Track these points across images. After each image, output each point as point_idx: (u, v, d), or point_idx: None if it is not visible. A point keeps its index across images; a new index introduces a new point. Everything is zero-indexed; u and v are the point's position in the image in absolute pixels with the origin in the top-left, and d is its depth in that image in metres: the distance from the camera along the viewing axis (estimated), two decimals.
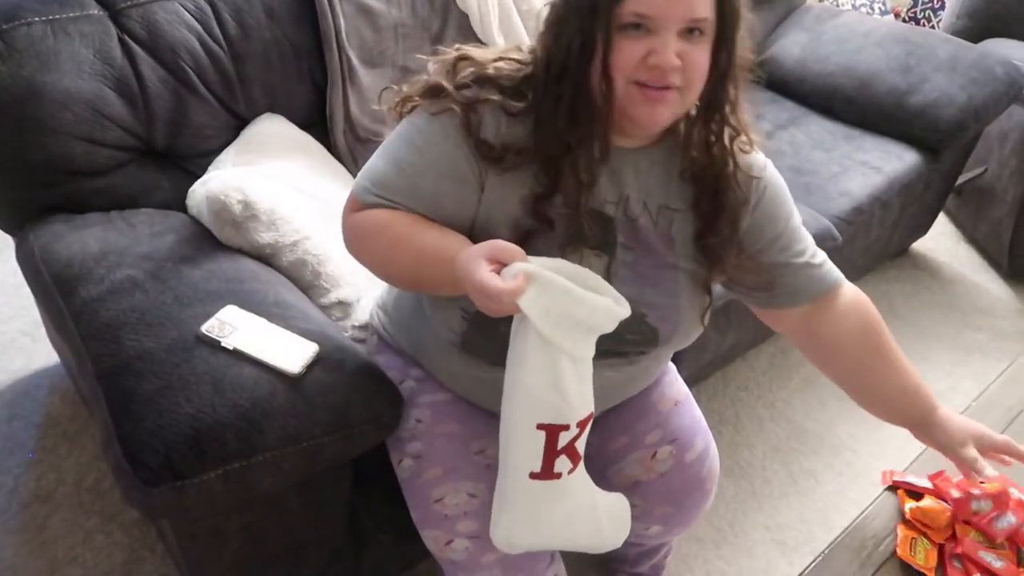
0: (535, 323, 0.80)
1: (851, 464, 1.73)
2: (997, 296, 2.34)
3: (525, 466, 0.88)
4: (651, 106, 0.86)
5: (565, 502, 0.92)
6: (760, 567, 1.50)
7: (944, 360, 2.07)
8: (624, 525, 1.00)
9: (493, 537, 0.93)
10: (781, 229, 1.00)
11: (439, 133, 0.91)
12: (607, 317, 0.83)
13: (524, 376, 0.84)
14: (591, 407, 0.88)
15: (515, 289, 0.77)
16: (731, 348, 1.81)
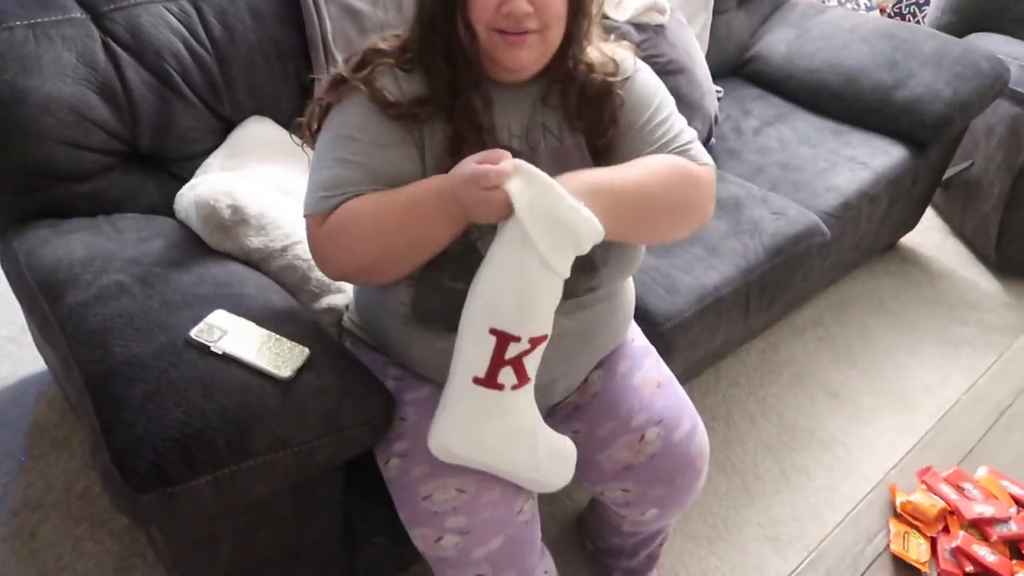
0: (520, 212, 0.85)
1: (842, 460, 1.74)
2: (985, 290, 2.36)
3: (470, 369, 0.91)
4: (513, 50, 0.94)
5: (504, 419, 0.94)
6: (753, 563, 1.50)
7: (933, 354, 2.08)
8: (565, 468, 1.01)
9: (429, 441, 0.95)
10: (648, 118, 1.05)
11: (357, 113, 0.98)
12: (586, 226, 0.87)
13: (491, 277, 0.88)
14: (548, 328, 0.91)
15: (504, 170, 0.85)
16: (722, 345, 1.81)
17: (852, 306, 2.21)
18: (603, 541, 1.38)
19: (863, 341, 2.10)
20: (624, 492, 1.13)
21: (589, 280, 1.01)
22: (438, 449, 0.96)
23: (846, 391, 1.93)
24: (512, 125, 1.03)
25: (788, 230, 1.73)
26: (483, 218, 0.89)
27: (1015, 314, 2.26)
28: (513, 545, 1.02)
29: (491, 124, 1.01)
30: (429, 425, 1.03)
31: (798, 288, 1.95)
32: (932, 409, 1.89)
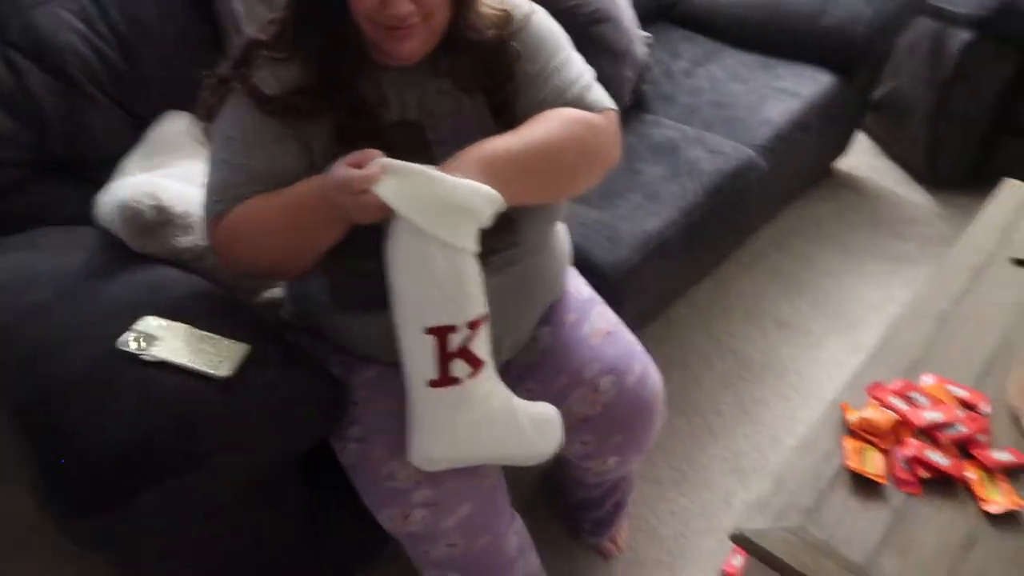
0: (401, 211, 0.83)
1: (797, 387, 1.78)
2: (919, 205, 2.41)
3: (422, 375, 0.90)
4: (400, 43, 0.92)
5: (474, 409, 0.93)
6: (720, 497, 1.53)
7: (877, 272, 2.13)
8: (553, 433, 1.02)
9: (410, 458, 0.95)
10: (543, 65, 1.03)
11: (236, 114, 0.96)
12: (476, 198, 0.85)
13: (401, 278, 0.87)
14: (481, 307, 0.90)
15: (370, 174, 0.83)
16: (671, 289, 1.83)
17: (794, 236, 2.25)
18: (570, 496, 1.40)
19: (808, 269, 2.14)
20: (583, 444, 1.13)
21: (508, 234, 1.00)
22: (422, 462, 0.95)
23: (795, 319, 1.97)
24: (406, 99, 1.00)
25: (725, 167, 1.74)
26: (364, 220, 0.88)
27: (948, 225, 2.32)
28: (482, 511, 1.02)
29: (383, 103, 0.98)
30: (382, 406, 1.03)
31: (740, 224, 1.98)
32: (878, 326, 1.94)
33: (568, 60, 1.06)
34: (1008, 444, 1.05)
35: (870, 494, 0.99)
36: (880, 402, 1.09)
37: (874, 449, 1.04)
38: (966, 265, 1.39)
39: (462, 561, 1.03)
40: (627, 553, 1.43)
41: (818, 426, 1.08)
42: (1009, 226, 1.50)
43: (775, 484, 1.00)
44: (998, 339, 1.22)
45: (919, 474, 1.00)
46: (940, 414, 1.06)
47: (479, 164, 0.90)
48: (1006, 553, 0.93)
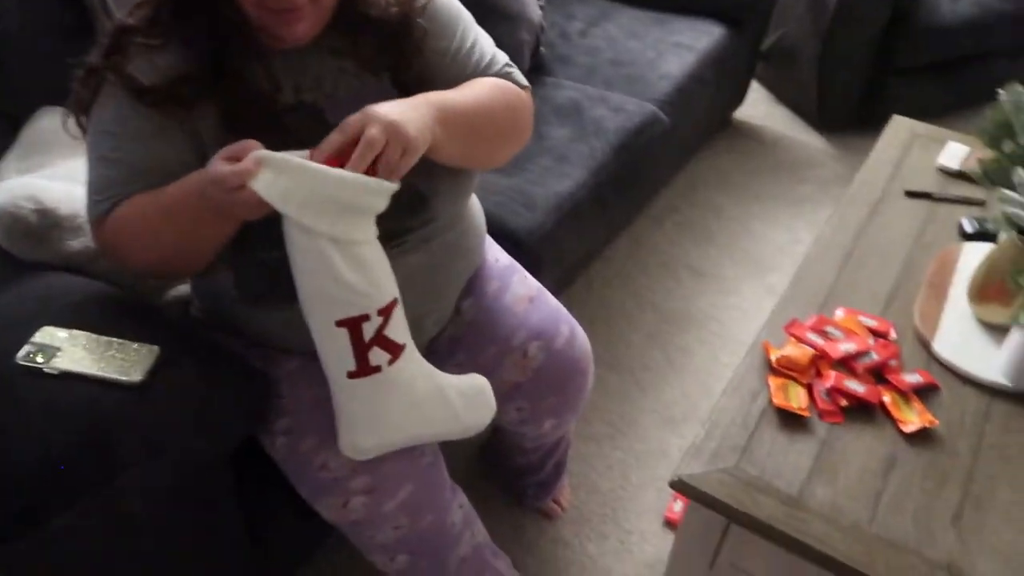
0: (281, 209, 0.79)
1: (717, 333, 1.83)
2: (815, 148, 2.51)
3: (340, 367, 0.88)
4: (288, 26, 0.88)
5: (399, 394, 0.92)
6: (655, 448, 1.57)
7: (782, 216, 2.21)
8: (485, 404, 1.01)
9: (342, 450, 0.93)
10: (459, 43, 1.02)
11: (112, 106, 0.90)
12: (365, 193, 0.82)
13: (301, 276, 0.84)
14: (391, 292, 0.88)
15: (244, 169, 0.77)
16: (588, 249, 1.84)
17: (700, 187, 2.30)
18: (509, 463, 1.40)
19: (716, 217, 2.19)
20: (519, 411, 1.13)
21: (422, 213, 0.98)
22: (354, 453, 0.93)
23: (710, 268, 2.02)
24: (301, 82, 0.94)
25: (629, 124, 1.75)
26: (248, 217, 0.83)
27: (842, 165, 2.42)
28: (423, 490, 1.01)
29: (275, 87, 0.93)
30: (308, 396, 1.00)
31: (648, 179, 2.00)
32: (788, 267, 2.01)
33: (478, 38, 1.04)
34: (917, 366, 1.11)
35: (796, 428, 1.03)
36: (798, 339, 1.13)
37: (796, 384, 1.08)
38: (864, 201, 1.45)
39: (408, 541, 1.01)
40: (571, 512, 1.45)
41: (743, 368, 1.11)
42: (900, 161, 1.57)
43: (708, 428, 1.02)
44: (900, 268, 1.28)
45: (840, 403, 1.04)
46: (854, 345, 1.10)
47: (431, 109, 0.87)
48: (923, 468, 0.98)
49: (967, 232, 1.36)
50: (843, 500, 0.94)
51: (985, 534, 0.91)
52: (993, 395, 1.07)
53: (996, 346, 1.12)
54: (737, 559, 1.03)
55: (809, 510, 0.93)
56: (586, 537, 1.41)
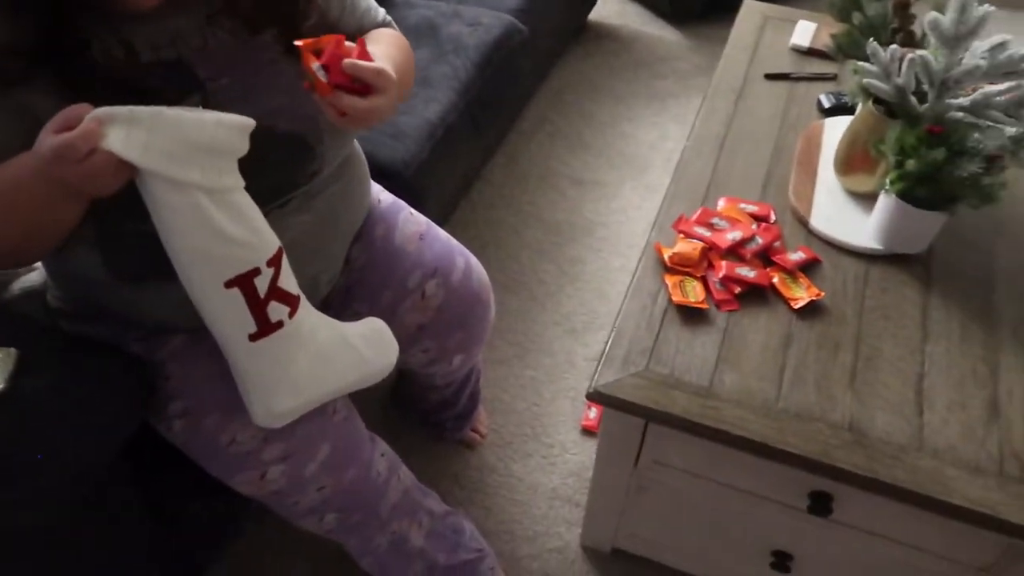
0: (142, 164, 0.71)
1: (605, 238, 1.85)
2: (670, 41, 2.52)
3: (239, 332, 0.82)
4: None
5: (305, 348, 0.87)
6: (562, 360, 1.59)
7: (646, 113, 2.23)
8: (388, 345, 0.98)
9: (255, 420, 0.88)
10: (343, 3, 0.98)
11: None
12: (225, 129, 0.75)
13: (176, 239, 0.76)
14: (274, 240, 0.82)
15: (88, 131, 0.68)
16: (466, 173, 1.80)
17: (567, 95, 2.28)
18: (424, 402, 1.39)
19: (587, 123, 2.19)
20: (425, 352, 1.11)
21: (309, 165, 0.92)
22: (268, 420, 0.87)
23: (588, 175, 2.02)
24: (157, 40, 0.82)
25: (489, 38, 1.69)
26: (104, 189, 0.73)
27: (699, 56, 2.45)
28: (341, 446, 0.98)
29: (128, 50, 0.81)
30: (199, 372, 0.93)
31: (515, 93, 1.96)
32: (662, 163, 2.04)
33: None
34: (799, 244, 1.15)
35: (698, 321, 1.05)
36: (686, 234, 1.15)
37: (691, 279, 1.10)
38: (728, 89, 1.47)
39: (335, 500, 0.99)
40: (491, 436, 1.46)
41: (639, 271, 1.12)
42: (755, 45, 1.60)
43: (614, 336, 1.03)
44: (771, 151, 1.32)
45: (734, 291, 1.08)
46: (739, 232, 1.14)
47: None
48: (817, 339, 1.04)
49: (825, 107, 1.41)
50: (750, 382, 0.98)
51: (878, 389, 0.98)
52: (869, 260, 1.14)
53: (866, 214, 1.18)
54: (658, 455, 1.07)
55: (720, 398, 0.97)
56: (510, 458, 1.43)
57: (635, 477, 1.12)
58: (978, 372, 1.00)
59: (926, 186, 1.06)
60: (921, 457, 0.91)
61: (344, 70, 0.78)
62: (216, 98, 0.84)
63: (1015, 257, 1.16)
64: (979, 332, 1.05)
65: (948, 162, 1.03)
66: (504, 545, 1.31)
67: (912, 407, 0.96)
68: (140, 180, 0.73)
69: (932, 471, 0.90)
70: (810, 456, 0.91)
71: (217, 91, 0.84)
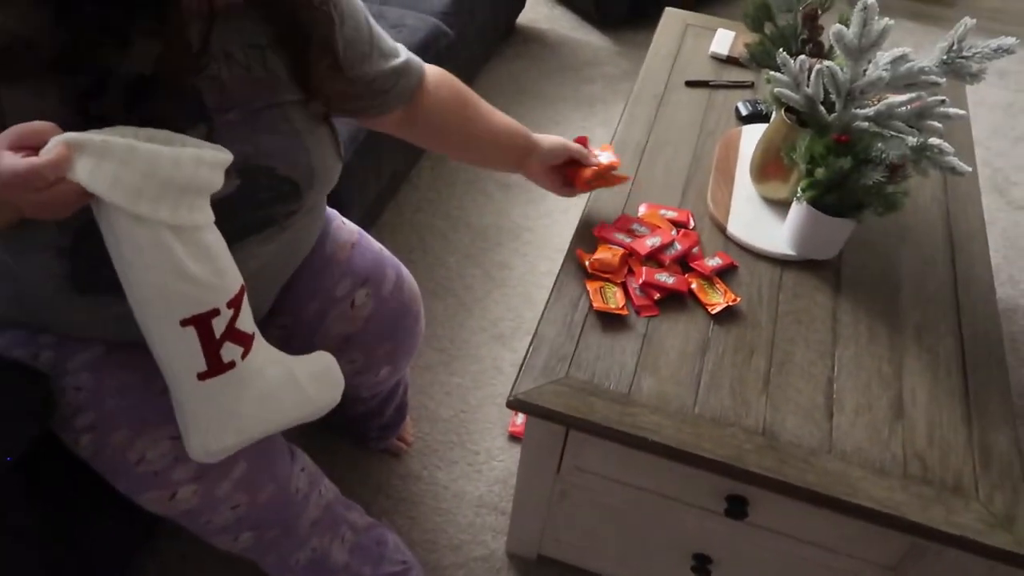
0: (108, 199, 0.66)
1: (531, 242, 1.85)
2: (598, 46, 2.55)
3: (188, 370, 0.78)
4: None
5: (252, 387, 0.84)
6: (489, 365, 1.58)
7: (575, 117, 2.24)
8: (334, 381, 0.95)
9: (190, 453, 0.83)
10: (367, 35, 0.98)
11: None
12: (206, 168, 0.72)
13: (135, 274, 0.71)
14: (237, 280, 0.79)
15: (57, 160, 0.63)
16: (392, 178, 1.77)
17: (494, 96, 2.28)
18: (348, 411, 1.36)
19: None
20: (351, 363, 1.09)
21: (292, 205, 0.89)
22: (206, 456, 0.82)
23: (514, 178, 2.02)
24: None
25: (413, 40, 1.68)
26: (55, 217, 0.68)
27: (626, 61, 2.48)
28: (258, 463, 0.94)
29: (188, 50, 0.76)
30: (112, 384, 0.88)
31: None
32: None
33: (374, 22, 0.99)
34: (717, 250, 1.17)
35: (618, 327, 1.06)
36: (607, 240, 1.16)
37: (612, 285, 1.11)
38: (649, 95, 1.49)
39: (250, 518, 0.95)
40: (416, 444, 1.44)
41: (561, 277, 1.12)
42: (676, 52, 1.62)
43: (535, 343, 1.03)
44: (690, 157, 1.34)
45: (653, 297, 1.09)
46: (658, 238, 1.15)
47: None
48: (733, 344, 1.06)
49: (743, 115, 1.45)
50: (668, 388, 1.00)
51: (790, 393, 1.00)
52: (783, 266, 1.17)
53: (780, 221, 1.22)
54: (580, 461, 1.07)
55: (638, 404, 0.98)
56: (435, 466, 1.41)
57: (558, 483, 1.12)
58: (883, 373, 1.04)
59: (834, 194, 1.09)
60: (830, 460, 0.94)
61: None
62: (220, 132, 0.80)
63: (917, 262, 1.20)
64: (885, 335, 1.09)
65: (854, 170, 1.06)
66: (429, 555, 1.30)
67: (822, 411, 0.99)
68: (98, 208, 0.68)
69: (840, 473, 0.92)
70: (724, 460, 0.93)
71: (223, 126, 0.80)
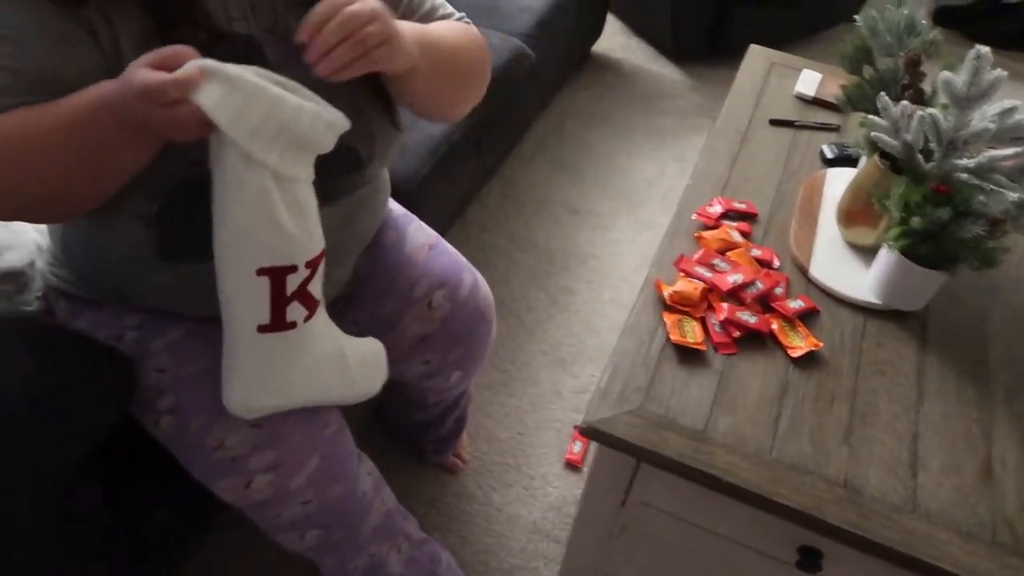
0: (226, 131, 0.68)
1: (597, 269, 1.84)
2: (671, 79, 2.54)
3: (250, 319, 0.79)
4: None
5: (306, 353, 0.85)
6: (548, 389, 1.57)
7: (647, 149, 2.23)
8: (379, 371, 0.96)
9: (226, 403, 0.84)
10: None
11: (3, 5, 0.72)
12: (323, 124, 0.73)
13: (230, 213, 0.73)
14: (320, 243, 0.80)
15: (185, 79, 0.65)
16: (465, 193, 1.79)
17: (567, 123, 2.29)
18: (408, 420, 1.36)
19: (586, 153, 2.19)
20: (425, 364, 1.09)
21: (356, 178, 0.91)
22: (242, 411, 0.83)
23: (584, 204, 2.02)
24: (231, 8, 0.81)
25: (497, 60, 1.69)
26: (179, 139, 0.70)
27: (699, 95, 2.47)
28: (330, 460, 0.95)
29: (203, 6, 0.79)
30: (194, 368, 0.90)
31: (518, 117, 1.96)
32: (658, 199, 2.05)
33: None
34: (799, 292, 1.15)
35: (695, 362, 1.04)
36: (687, 273, 1.14)
37: (690, 319, 1.09)
38: (732, 130, 1.47)
39: (318, 516, 0.95)
40: (472, 463, 1.43)
41: (637, 307, 1.11)
42: (761, 90, 1.61)
43: (611, 371, 1.02)
44: (773, 195, 1.32)
45: (733, 335, 1.07)
46: (740, 275, 1.13)
47: (413, 31, 0.78)
48: (813, 390, 1.03)
49: (828, 157, 1.42)
50: (744, 429, 0.97)
51: (873, 446, 0.97)
52: (867, 314, 1.14)
53: (865, 267, 1.18)
54: (647, 496, 1.05)
55: (714, 442, 0.95)
56: (490, 487, 1.40)
57: (621, 516, 1.10)
58: (971, 435, 1.00)
59: (929, 244, 1.06)
60: (914, 519, 0.90)
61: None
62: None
63: (1010, 321, 1.16)
64: (973, 394, 1.05)
65: (952, 222, 1.03)
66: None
67: (906, 467, 0.95)
68: (215, 141, 0.71)
69: (924, 534, 0.88)
70: (803, 509, 0.90)
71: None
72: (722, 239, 1.20)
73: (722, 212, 1.25)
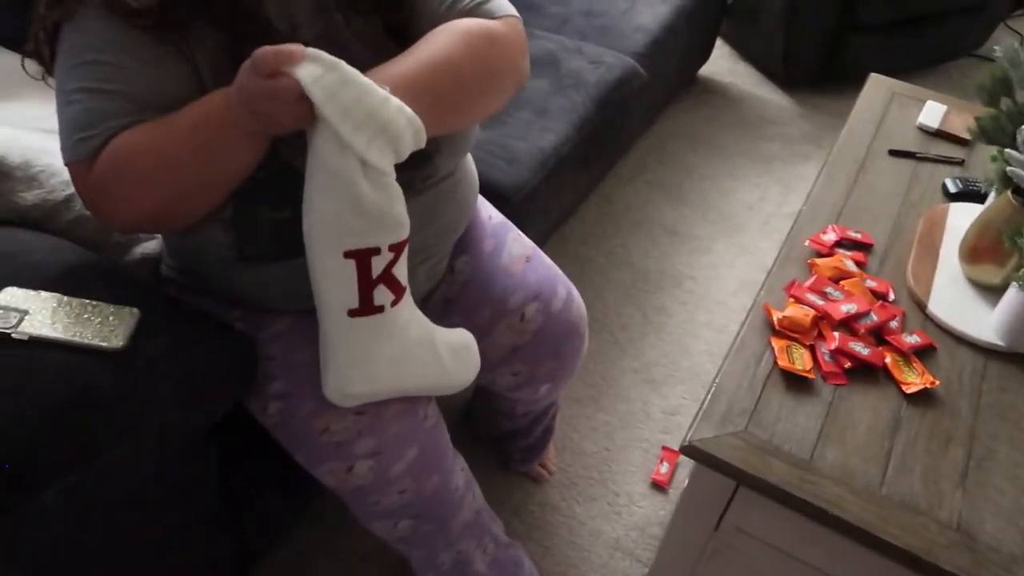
0: (321, 108, 0.72)
1: (693, 291, 1.82)
2: (780, 105, 2.50)
3: (341, 303, 0.82)
4: None
5: (395, 339, 0.87)
6: (638, 408, 1.55)
7: (750, 174, 2.20)
8: (471, 360, 0.97)
9: (326, 392, 0.87)
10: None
11: (97, 29, 0.78)
12: (404, 118, 0.76)
13: (319, 196, 0.77)
14: (405, 230, 0.82)
15: (288, 51, 0.70)
16: (566, 207, 1.80)
17: (670, 144, 2.27)
18: (496, 428, 1.37)
19: (687, 175, 2.17)
20: (515, 375, 1.09)
21: (424, 170, 0.93)
22: (338, 397, 0.87)
23: (683, 226, 2.00)
24: (295, 14, 0.85)
25: (609, 77, 1.70)
26: (281, 122, 0.73)
27: (808, 123, 2.42)
28: (428, 452, 0.97)
29: (264, 14, 0.83)
30: (300, 357, 0.93)
31: (624, 135, 1.96)
32: (758, 225, 2.01)
33: None
34: (916, 327, 1.10)
35: (802, 389, 1.01)
36: (797, 300, 1.12)
37: (799, 346, 1.06)
38: (850, 159, 1.44)
39: (413, 506, 0.97)
40: (558, 475, 1.43)
41: (745, 330, 1.09)
42: (881, 119, 1.56)
43: (715, 392, 1.00)
44: (890, 227, 1.28)
45: (843, 365, 1.04)
46: (854, 305, 1.09)
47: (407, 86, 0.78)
48: (927, 429, 0.98)
49: (951, 191, 1.37)
50: (854, 462, 0.94)
51: (990, 492, 0.92)
52: (988, 355, 1.08)
53: (988, 306, 1.13)
54: (743, 522, 1.02)
55: (820, 473, 0.92)
56: (574, 500, 1.39)
57: (713, 541, 1.07)
58: None
59: None
60: None
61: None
62: None
63: None
64: None
65: None
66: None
67: None
68: (311, 128, 0.75)
69: None
70: (913, 551, 0.86)
71: None
72: (836, 267, 1.17)
73: (836, 240, 1.22)
